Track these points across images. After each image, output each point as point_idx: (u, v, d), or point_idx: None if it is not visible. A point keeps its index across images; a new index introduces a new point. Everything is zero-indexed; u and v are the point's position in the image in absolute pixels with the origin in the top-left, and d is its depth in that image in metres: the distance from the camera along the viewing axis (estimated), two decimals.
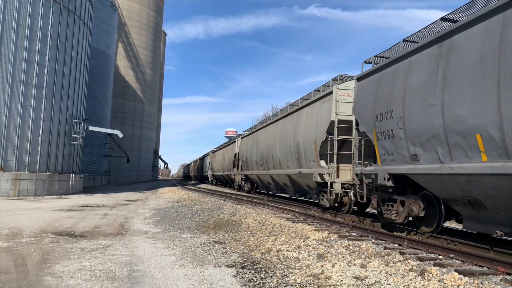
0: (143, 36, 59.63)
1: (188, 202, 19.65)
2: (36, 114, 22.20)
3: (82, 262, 6.55)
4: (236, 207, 15.05)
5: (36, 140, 22.30)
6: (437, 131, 7.32)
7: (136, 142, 58.59)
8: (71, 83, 25.07)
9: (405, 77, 8.56)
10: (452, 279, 5.08)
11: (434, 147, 7.51)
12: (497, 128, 6.10)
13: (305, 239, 8.17)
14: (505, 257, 6.25)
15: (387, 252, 6.93)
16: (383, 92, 9.43)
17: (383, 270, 5.68)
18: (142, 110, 59.81)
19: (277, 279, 5.54)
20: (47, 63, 22.75)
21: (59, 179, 24.13)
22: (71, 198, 21.74)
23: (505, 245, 7.25)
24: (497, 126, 6.10)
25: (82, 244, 8.23)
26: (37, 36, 22.06)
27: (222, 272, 6.01)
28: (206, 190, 30.58)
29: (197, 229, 10.95)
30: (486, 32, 6.52)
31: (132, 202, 20.65)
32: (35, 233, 9.48)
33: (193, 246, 8.25)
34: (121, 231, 10.29)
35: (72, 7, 24.71)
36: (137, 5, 58.25)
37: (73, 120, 25.45)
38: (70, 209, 15.56)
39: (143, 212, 15.70)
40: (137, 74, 58.39)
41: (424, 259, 6.34)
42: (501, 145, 6.07)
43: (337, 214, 12.75)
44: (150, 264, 6.55)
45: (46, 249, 7.54)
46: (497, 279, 5.23)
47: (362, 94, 10.62)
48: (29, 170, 21.92)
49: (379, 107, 9.43)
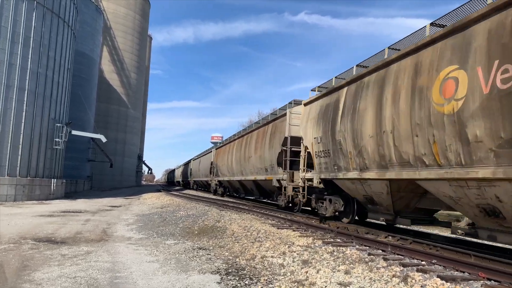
0: (129, 40, 59.16)
1: (172, 208, 19.48)
2: (17, 117, 21.76)
3: (62, 269, 6.41)
4: (221, 213, 14.98)
5: (17, 144, 21.84)
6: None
7: (120, 147, 57.86)
8: (54, 86, 24.66)
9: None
10: (435, 285, 5.14)
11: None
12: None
13: (290, 245, 8.17)
14: (486, 262, 6.35)
15: (371, 258, 6.98)
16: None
17: (367, 276, 5.71)
18: (126, 114, 59.16)
19: (261, 286, 5.52)
20: (30, 66, 22.36)
21: (40, 184, 23.64)
22: (52, 204, 21.31)
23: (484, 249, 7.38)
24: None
25: (63, 250, 8.06)
26: (19, 38, 21.69)
27: (206, 279, 5.96)
28: (190, 196, 30.36)
29: (181, 235, 10.85)
30: None
31: (115, 208, 20.35)
32: (14, 239, 9.25)
33: (177, 252, 8.17)
34: (103, 237, 10.12)
35: (56, 10, 24.38)
36: (123, 8, 57.83)
37: (55, 124, 25.03)
38: (51, 215, 15.24)
39: (126, 218, 15.49)
40: (122, 78, 57.82)
41: (407, 265, 6.41)
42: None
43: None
44: (133, 270, 6.45)
45: (26, 256, 7.36)
46: (478, 285, 5.31)
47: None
48: (9, 175, 21.42)
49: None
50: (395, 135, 8.30)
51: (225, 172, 27.64)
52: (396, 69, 8.57)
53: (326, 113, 11.77)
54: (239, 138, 24.87)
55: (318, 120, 12.33)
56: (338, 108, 10.96)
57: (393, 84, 8.53)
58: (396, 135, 8.27)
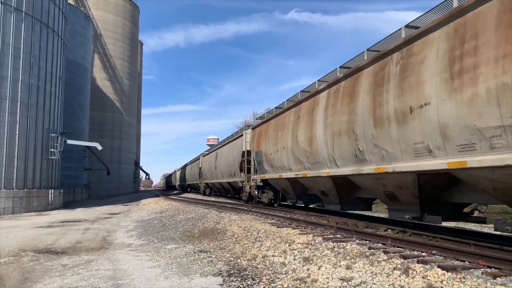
0: (119, 46, 58.93)
1: (171, 212, 19.45)
2: (11, 129, 21.64)
3: (64, 279, 6.39)
4: (221, 215, 14.98)
5: (12, 156, 21.71)
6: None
7: (116, 154, 57.64)
8: (46, 96, 24.54)
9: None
10: (436, 275, 5.17)
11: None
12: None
13: (291, 243, 8.18)
14: (485, 251, 6.40)
15: (372, 252, 7.00)
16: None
17: (369, 270, 5.74)
18: (120, 121, 58.93)
19: (264, 285, 5.53)
20: (21, 77, 22.24)
21: (38, 195, 23.52)
22: (50, 214, 21.22)
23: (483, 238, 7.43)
24: None
25: (63, 260, 8.03)
26: (9, 50, 21.57)
27: (208, 281, 5.96)
28: (189, 199, 30.32)
29: (182, 239, 10.84)
30: None
31: (114, 215, 20.29)
32: (14, 252, 9.21)
33: (178, 256, 8.16)
34: (103, 245, 10.10)
35: (45, 20, 24.26)
36: (112, 15, 57.60)
37: (50, 134, 24.90)
38: (50, 225, 15.18)
39: (125, 225, 15.45)
40: (115, 85, 57.59)
41: (408, 256, 6.44)
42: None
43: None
44: (135, 277, 6.44)
45: (26, 268, 7.33)
46: (479, 273, 5.34)
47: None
48: (5, 188, 21.30)
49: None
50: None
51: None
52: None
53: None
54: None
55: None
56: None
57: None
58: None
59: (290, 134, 14.19)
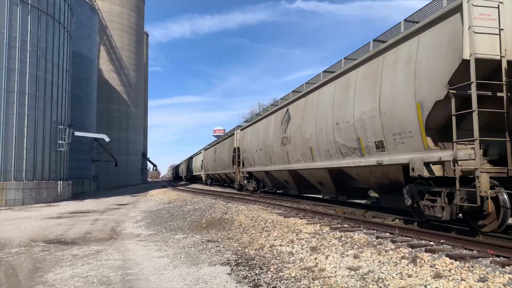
0: (125, 38, 58.92)
1: (179, 202, 19.58)
2: (19, 122, 21.83)
3: (74, 269, 6.48)
4: (228, 205, 15.04)
5: (21, 148, 21.93)
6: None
7: (123, 146, 58.00)
8: (53, 89, 24.67)
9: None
10: (444, 264, 5.16)
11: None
12: None
13: (298, 233, 8.21)
14: (494, 240, 6.37)
15: (379, 241, 7.00)
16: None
17: (376, 259, 5.74)
18: (127, 113, 59.17)
19: (271, 274, 5.57)
20: (28, 69, 22.35)
21: (47, 186, 23.79)
22: (60, 205, 21.48)
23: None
24: None
25: (73, 251, 8.14)
26: (16, 42, 21.66)
27: (216, 271, 6.02)
28: (197, 190, 30.49)
29: (190, 229, 10.92)
30: None
31: (123, 206, 20.49)
32: (25, 242, 9.35)
33: (186, 246, 8.23)
34: (112, 236, 10.21)
35: (51, 12, 24.28)
36: (118, 7, 57.50)
37: (58, 126, 25.09)
38: (59, 216, 15.37)
39: (134, 215, 15.59)
40: (121, 77, 57.72)
41: (416, 246, 6.42)
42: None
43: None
44: (144, 266, 6.51)
45: (37, 258, 7.45)
46: (487, 262, 5.32)
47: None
48: (15, 179, 21.56)
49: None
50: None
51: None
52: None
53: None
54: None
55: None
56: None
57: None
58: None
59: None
